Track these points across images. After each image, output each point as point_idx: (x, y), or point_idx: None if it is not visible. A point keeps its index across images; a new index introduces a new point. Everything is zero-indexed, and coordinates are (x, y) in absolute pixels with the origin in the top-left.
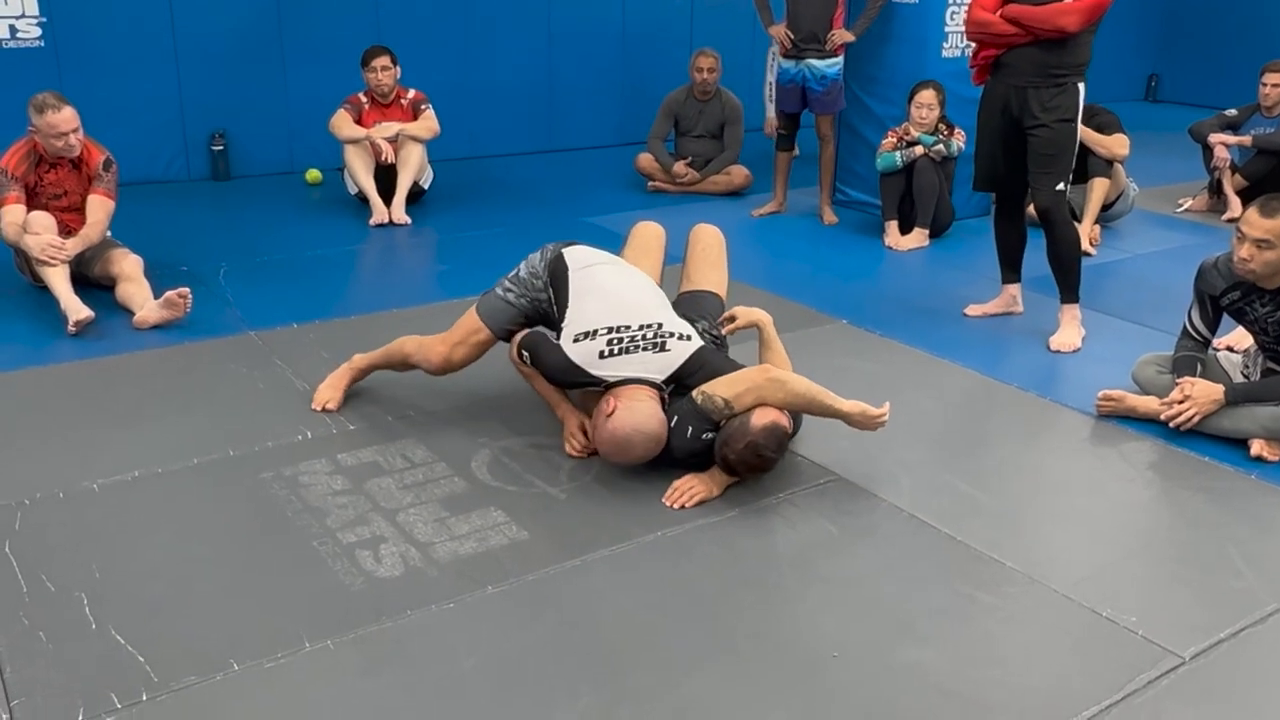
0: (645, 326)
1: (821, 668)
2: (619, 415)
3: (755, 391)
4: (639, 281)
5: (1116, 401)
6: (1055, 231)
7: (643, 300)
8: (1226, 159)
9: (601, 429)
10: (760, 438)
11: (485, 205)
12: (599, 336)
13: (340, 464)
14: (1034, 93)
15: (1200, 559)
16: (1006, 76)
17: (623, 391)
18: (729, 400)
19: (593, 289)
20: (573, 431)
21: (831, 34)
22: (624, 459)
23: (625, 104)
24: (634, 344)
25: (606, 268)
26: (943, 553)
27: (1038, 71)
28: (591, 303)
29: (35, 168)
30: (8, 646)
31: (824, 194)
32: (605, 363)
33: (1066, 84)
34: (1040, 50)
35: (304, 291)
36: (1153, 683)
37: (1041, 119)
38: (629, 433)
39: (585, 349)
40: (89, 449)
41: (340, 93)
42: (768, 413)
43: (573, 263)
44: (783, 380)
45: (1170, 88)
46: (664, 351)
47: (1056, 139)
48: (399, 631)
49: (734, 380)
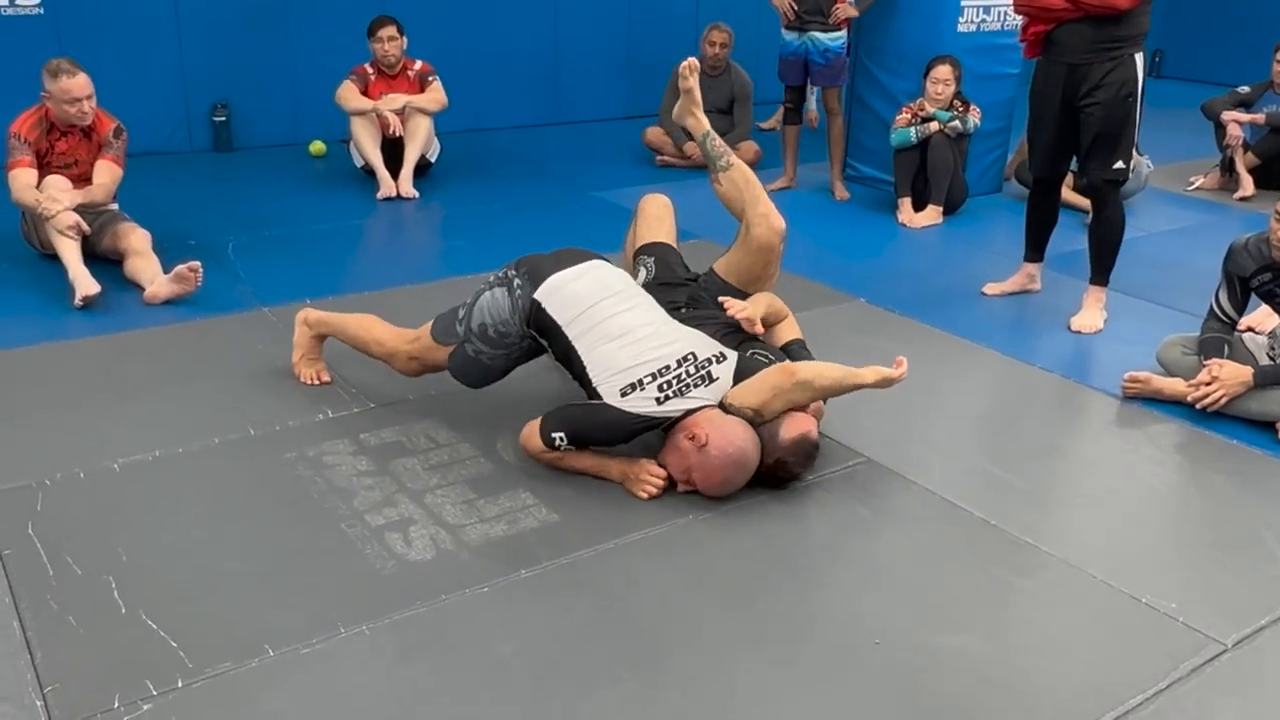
0: (683, 361)
1: (863, 653)
2: (715, 441)
3: (782, 396)
4: (642, 303)
5: (1142, 384)
6: (1104, 212)
7: (661, 331)
8: (1239, 137)
9: (708, 460)
10: (789, 455)
11: (492, 178)
12: (648, 386)
13: (364, 444)
14: (1087, 69)
15: (1235, 544)
16: (1060, 54)
17: (697, 419)
18: (757, 409)
19: (604, 334)
20: (645, 475)
21: (836, 7)
22: (738, 479)
23: (631, 77)
24: (683, 384)
25: (608, 306)
26: (977, 537)
27: (1090, 46)
28: (614, 349)
29: (46, 135)
30: (38, 631)
31: (835, 169)
32: (664, 406)
33: (1123, 56)
34: (1092, 25)
35: (315, 266)
36: (1197, 670)
37: (1098, 97)
38: (736, 452)
39: (639, 400)
40: (107, 427)
41: (345, 63)
42: (797, 424)
43: (560, 314)
44: (807, 380)
45: (1175, 64)
46: (713, 381)
47: (1114, 116)
48: (434, 616)
49: (760, 387)
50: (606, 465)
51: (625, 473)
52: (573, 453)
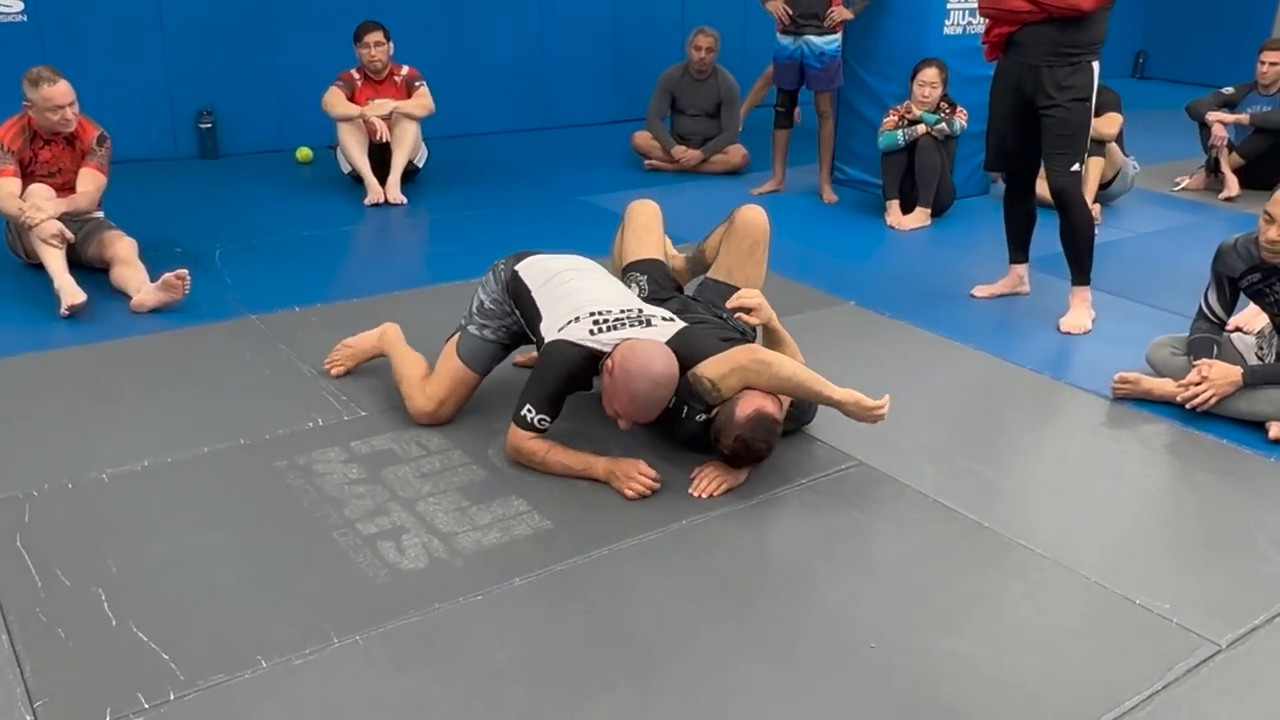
0: (625, 311)
1: (859, 656)
2: (621, 357)
3: (740, 373)
4: (610, 283)
5: (1132, 384)
6: (1070, 213)
7: (617, 296)
8: (1224, 137)
9: (615, 379)
10: (747, 431)
11: (480, 184)
12: (583, 320)
13: (354, 452)
14: (1047, 71)
15: (1227, 544)
16: (1019, 55)
17: (618, 348)
18: (715, 381)
19: (563, 295)
20: (634, 474)
21: (831, 11)
22: (646, 391)
23: (617, 81)
24: (620, 322)
25: (572, 275)
26: (970, 539)
27: (1051, 50)
28: (565, 303)
29: (30, 144)
30: (26, 644)
31: (823, 172)
32: (596, 338)
33: (1080, 62)
34: (1054, 28)
35: (303, 273)
36: (1192, 671)
37: (1056, 99)
38: (636, 366)
39: (574, 330)
40: (94, 437)
41: (331, 69)
42: (751, 400)
43: (531, 279)
44: (767, 362)
45: (1158, 64)
46: (650, 327)
47: (1071, 119)
48: (428, 625)
49: (720, 360)
50: (593, 464)
51: (612, 471)
52: (558, 450)
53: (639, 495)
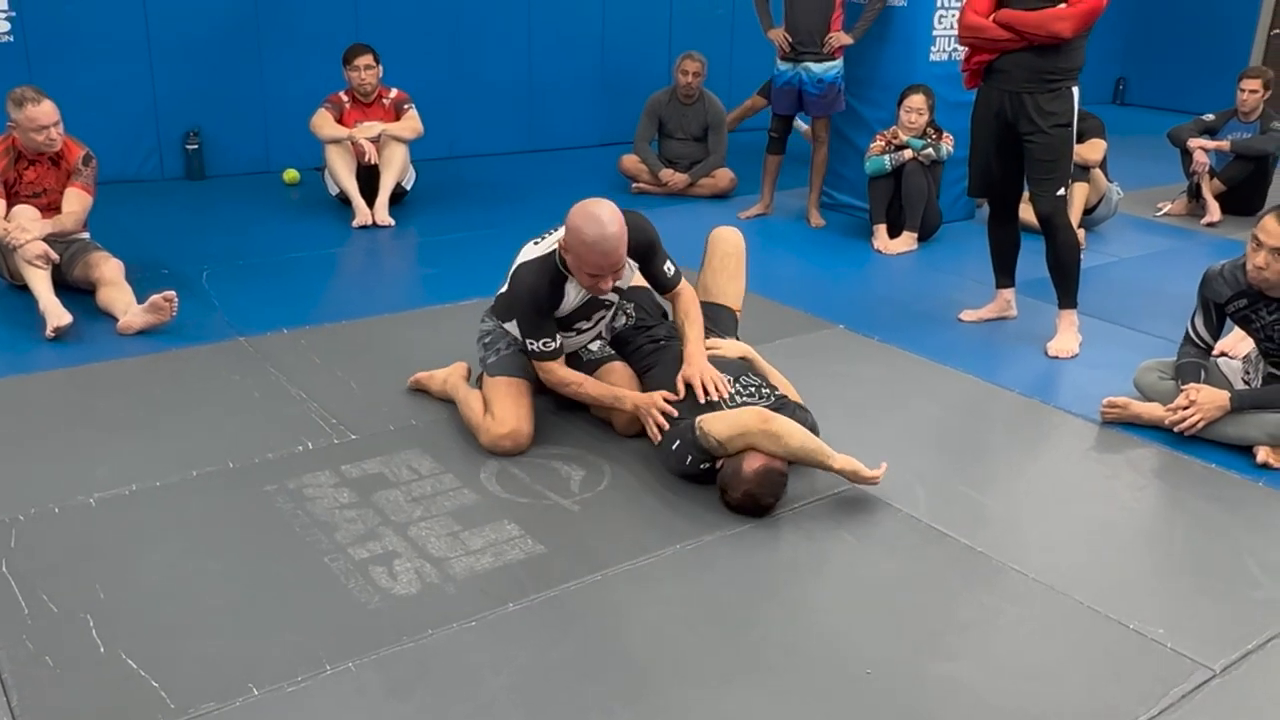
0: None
1: (856, 682)
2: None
3: (749, 439)
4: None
5: (1121, 408)
6: (1057, 237)
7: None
8: (1205, 164)
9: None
10: (754, 486)
11: (468, 206)
12: (552, 234)
13: (345, 475)
14: (1028, 98)
15: (1218, 569)
16: (1000, 82)
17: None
18: (722, 442)
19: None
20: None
21: (829, 37)
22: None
23: (606, 104)
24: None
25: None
26: (964, 563)
27: (1031, 77)
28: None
29: (14, 164)
30: (13, 673)
31: (812, 196)
32: (539, 246)
33: (1061, 89)
34: (1034, 55)
35: (291, 295)
36: (1186, 696)
37: (1038, 124)
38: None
39: (546, 244)
40: (82, 461)
41: (318, 91)
42: (758, 454)
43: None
44: (779, 435)
45: (1138, 91)
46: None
47: (1053, 145)
48: (421, 651)
49: (732, 421)
50: (622, 396)
51: (637, 402)
52: (591, 383)
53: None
